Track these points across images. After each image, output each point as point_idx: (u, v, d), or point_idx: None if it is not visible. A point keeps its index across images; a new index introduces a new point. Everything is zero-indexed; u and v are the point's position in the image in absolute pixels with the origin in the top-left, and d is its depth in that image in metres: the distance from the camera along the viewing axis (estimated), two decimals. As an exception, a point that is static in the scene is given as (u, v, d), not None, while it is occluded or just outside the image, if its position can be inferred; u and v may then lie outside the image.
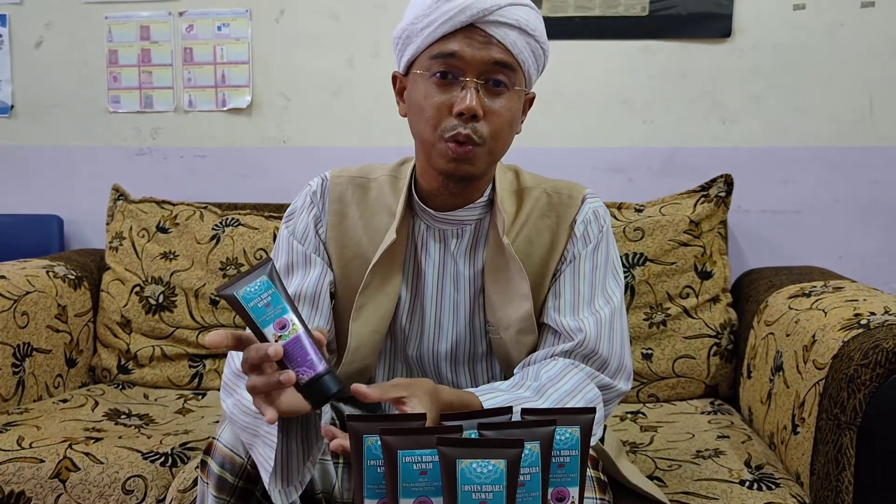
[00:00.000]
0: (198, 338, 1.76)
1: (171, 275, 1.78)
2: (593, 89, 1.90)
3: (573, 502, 0.80)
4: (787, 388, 1.25)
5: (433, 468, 0.73)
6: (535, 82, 1.03)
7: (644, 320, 1.65)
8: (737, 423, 1.45)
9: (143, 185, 1.99)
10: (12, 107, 2.11)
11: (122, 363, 1.78)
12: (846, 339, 1.11)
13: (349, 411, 1.12)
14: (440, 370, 1.12)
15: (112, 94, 2.06)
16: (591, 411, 0.81)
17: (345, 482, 1.04)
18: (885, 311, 1.16)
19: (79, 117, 2.09)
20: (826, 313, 1.24)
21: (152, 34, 2.03)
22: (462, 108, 0.93)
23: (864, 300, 1.25)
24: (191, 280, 1.77)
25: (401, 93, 1.04)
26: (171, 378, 1.76)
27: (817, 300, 1.32)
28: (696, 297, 1.65)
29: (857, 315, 1.17)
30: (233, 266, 1.76)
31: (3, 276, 1.59)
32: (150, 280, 1.79)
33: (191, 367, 1.77)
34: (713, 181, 1.71)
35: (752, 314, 1.56)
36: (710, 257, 1.67)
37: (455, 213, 1.06)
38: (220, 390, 0.98)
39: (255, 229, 1.79)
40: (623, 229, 1.67)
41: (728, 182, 1.70)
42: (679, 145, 1.89)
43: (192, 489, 1.13)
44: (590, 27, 1.87)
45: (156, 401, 1.66)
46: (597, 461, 1.07)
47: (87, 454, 1.27)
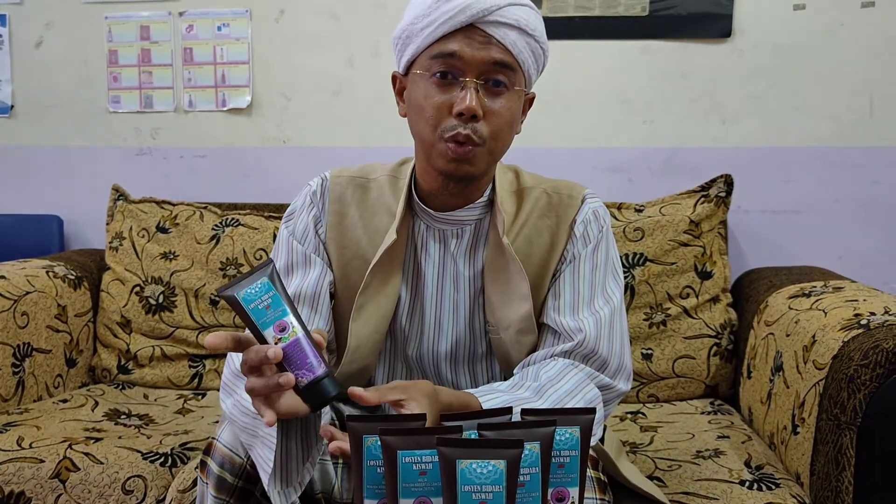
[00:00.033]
0: (198, 338, 1.76)
1: (171, 275, 1.78)
2: (593, 89, 1.90)
3: (573, 502, 0.80)
4: (787, 388, 1.25)
5: (433, 468, 0.73)
6: (535, 82, 1.03)
7: (644, 320, 1.65)
8: (737, 424, 1.45)
9: (143, 185, 1.99)
10: (12, 107, 2.11)
11: (122, 363, 1.78)
12: (846, 340, 1.11)
13: (349, 411, 1.12)
14: (440, 370, 1.12)
15: (112, 94, 2.06)
16: (591, 412, 0.81)
17: (344, 482, 1.03)
18: (885, 312, 1.16)
19: (79, 117, 2.09)
20: (826, 313, 1.24)
21: (152, 34, 2.03)
22: (462, 109, 0.93)
23: (864, 300, 1.25)
24: (191, 280, 1.77)
25: (400, 93, 1.04)
26: (170, 378, 1.76)
27: (817, 300, 1.32)
28: (696, 297, 1.65)
29: (857, 315, 1.17)
30: (233, 266, 1.76)
31: (3, 276, 1.59)
32: (150, 280, 1.79)
33: (191, 367, 1.77)
34: (713, 181, 1.71)
35: (752, 314, 1.56)
36: (710, 257, 1.67)
37: (455, 213, 1.06)
38: (219, 390, 0.98)
39: (255, 229, 1.79)
40: (623, 229, 1.67)
41: (728, 182, 1.70)
42: (679, 145, 1.89)
43: (191, 489, 1.13)
44: (590, 27, 1.87)
45: (156, 401, 1.66)
46: (597, 461, 1.07)
47: (86, 454, 1.27)
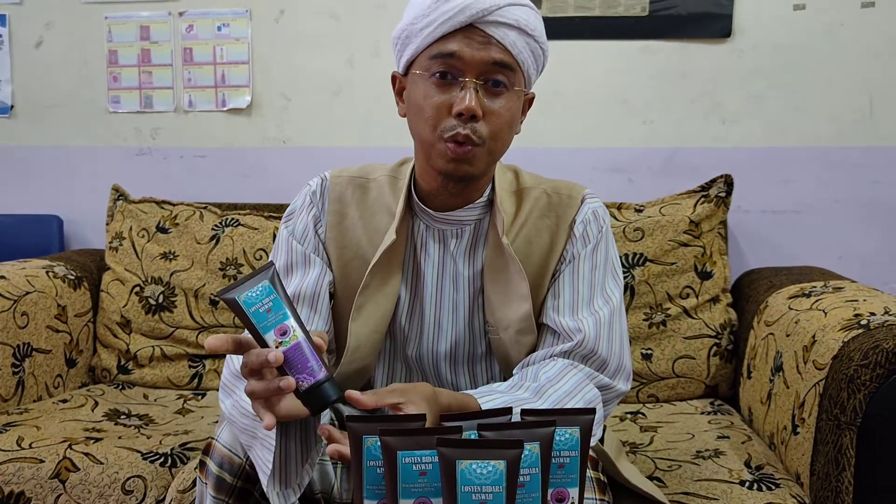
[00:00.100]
0: (197, 338, 1.76)
1: (171, 275, 1.78)
2: (593, 89, 1.90)
3: (573, 503, 0.80)
4: (787, 388, 1.25)
5: (433, 469, 0.73)
6: (535, 82, 1.03)
7: (644, 320, 1.65)
8: (737, 424, 1.45)
9: (143, 185, 1.99)
10: (12, 107, 2.11)
11: (122, 363, 1.78)
12: (846, 340, 1.11)
13: (349, 412, 1.12)
14: (439, 370, 1.12)
15: (112, 94, 2.06)
16: (591, 412, 0.81)
17: (344, 483, 1.03)
18: (885, 312, 1.16)
19: (79, 117, 2.09)
20: (826, 314, 1.24)
21: (152, 34, 2.03)
22: (461, 109, 0.93)
23: (864, 300, 1.25)
24: (190, 280, 1.77)
25: (400, 93, 1.04)
26: (170, 378, 1.76)
27: (817, 300, 1.32)
28: (696, 297, 1.65)
29: (857, 315, 1.17)
30: (232, 266, 1.76)
31: (2, 277, 1.59)
32: (149, 280, 1.79)
33: (190, 367, 1.77)
34: (713, 181, 1.71)
35: (752, 314, 1.56)
36: (710, 257, 1.67)
37: (454, 213, 1.06)
38: (218, 391, 0.98)
39: (255, 229, 1.79)
40: (623, 229, 1.67)
41: (728, 182, 1.70)
42: (679, 145, 1.89)
43: (191, 489, 1.13)
44: (590, 27, 1.87)
45: (155, 401, 1.66)
46: (596, 462, 1.07)
47: (86, 454, 1.27)
